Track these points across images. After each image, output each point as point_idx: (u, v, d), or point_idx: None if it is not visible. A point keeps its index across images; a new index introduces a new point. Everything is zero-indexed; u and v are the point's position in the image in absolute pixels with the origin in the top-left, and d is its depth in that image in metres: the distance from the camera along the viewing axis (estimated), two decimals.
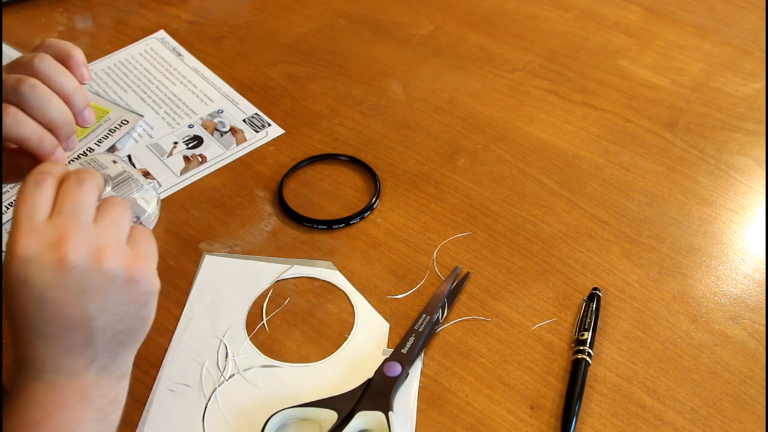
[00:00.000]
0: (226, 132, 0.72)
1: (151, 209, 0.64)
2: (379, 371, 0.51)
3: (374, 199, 0.64)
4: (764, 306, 0.57)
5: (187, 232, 0.62)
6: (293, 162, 0.68)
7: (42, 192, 0.41)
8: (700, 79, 0.78)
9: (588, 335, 0.53)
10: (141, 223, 0.62)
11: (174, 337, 0.54)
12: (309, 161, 0.68)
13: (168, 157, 0.69)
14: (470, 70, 0.79)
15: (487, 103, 0.75)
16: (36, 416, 0.39)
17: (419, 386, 0.52)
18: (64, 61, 0.47)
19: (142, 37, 0.83)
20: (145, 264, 0.42)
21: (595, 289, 0.57)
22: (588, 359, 0.52)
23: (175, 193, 0.66)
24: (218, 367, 0.52)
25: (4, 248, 0.61)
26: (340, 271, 0.59)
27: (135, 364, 0.44)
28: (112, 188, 0.64)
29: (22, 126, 0.45)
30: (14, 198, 0.64)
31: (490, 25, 0.86)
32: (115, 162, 0.67)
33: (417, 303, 0.57)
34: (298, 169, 0.68)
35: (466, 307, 0.57)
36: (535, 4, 0.89)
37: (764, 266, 0.60)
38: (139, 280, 0.41)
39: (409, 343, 0.53)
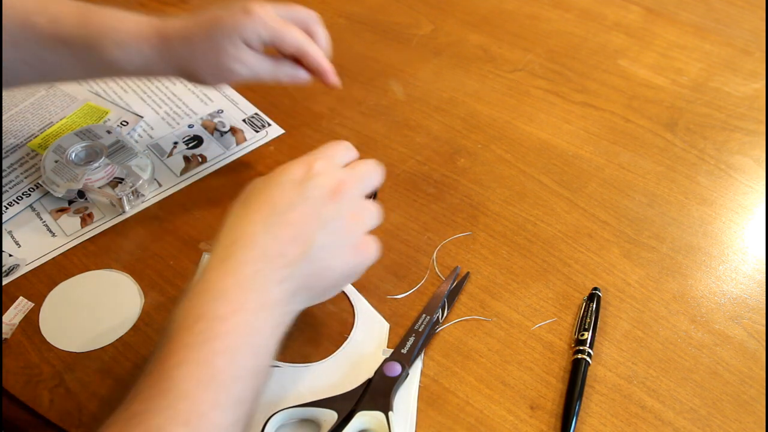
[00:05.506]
0: (226, 132, 0.72)
1: (146, 176, 0.64)
2: (379, 371, 0.51)
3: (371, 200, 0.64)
4: (764, 306, 0.57)
5: (187, 232, 0.62)
6: None
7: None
8: (700, 79, 0.78)
9: (588, 335, 0.53)
10: (137, 190, 0.63)
11: None
12: None
13: (168, 157, 0.69)
14: (470, 70, 0.79)
15: (487, 103, 0.75)
16: (222, 311, 0.41)
17: (419, 386, 0.52)
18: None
19: None
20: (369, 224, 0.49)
21: (595, 289, 0.57)
22: (588, 359, 0.52)
23: (175, 193, 0.66)
24: None
25: (4, 248, 0.61)
26: None
27: (135, 366, 0.45)
28: (106, 157, 0.64)
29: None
30: (14, 197, 0.64)
31: (490, 25, 0.86)
32: (109, 132, 0.68)
33: (417, 303, 0.57)
34: None
35: (466, 307, 0.57)
36: (535, 4, 0.89)
37: (764, 266, 0.60)
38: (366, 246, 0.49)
39: (409, 343, 0.53)
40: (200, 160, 0.69)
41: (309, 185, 0.46)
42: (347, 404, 0.48)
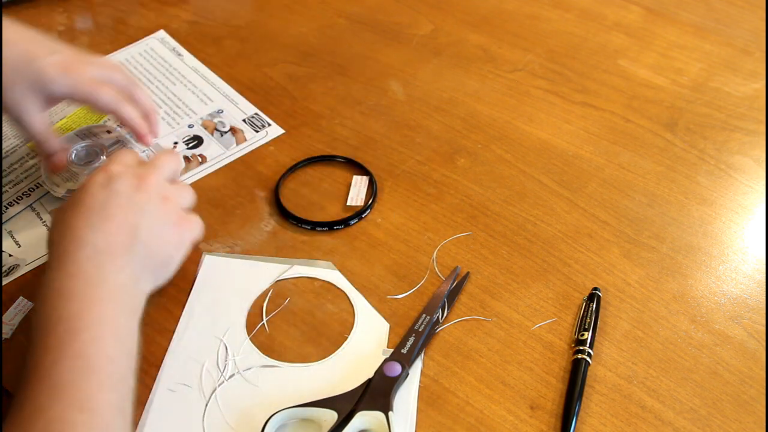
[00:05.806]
0: (226, 132, 0.72)
1: None
2: (379, 371, 0.51)
3: (370, 201, 0.64)
4: (764, 306, 0.57)
5: None
6: (293, 162, 0.68)
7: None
8: (700, 79, 0.78)
9: (588, 335, 0.53)
10: None
11: (174, 337, 0.54)
12: (306, 162, 0.68)
13: None
14: (470, 70, 0.79)
15: (487, 103, 0.75)
16: (78, 308, 0.45)
17: (419, 386, 0.52)
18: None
19: (142, 37, 0.83)
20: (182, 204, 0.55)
21: (595, 289, 0.57)
22: (588, 359, 0.52)
23: None
24: (218, 367, 0.52)
25: (4, 248, 0.61)
26: (340, 271, 0.59)
27: None
28: (106, 157, 0.64)
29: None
30: (14, 197, 0.64)
31: (490, 25, 0.86)
32: (109, 132, 0.68)
33: (417, 303, 0.57)
34: (295, 170, 0.68)
35: (466, 307, 0.57)
36: (535, 4, 0.89)
37: (764, 266, 0.60)
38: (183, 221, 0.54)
39: (409, 343, 0.53)
40: (200, 160, 0.69)
41: (113, 185, 0.51)
42: (347, 404, 0.48)
